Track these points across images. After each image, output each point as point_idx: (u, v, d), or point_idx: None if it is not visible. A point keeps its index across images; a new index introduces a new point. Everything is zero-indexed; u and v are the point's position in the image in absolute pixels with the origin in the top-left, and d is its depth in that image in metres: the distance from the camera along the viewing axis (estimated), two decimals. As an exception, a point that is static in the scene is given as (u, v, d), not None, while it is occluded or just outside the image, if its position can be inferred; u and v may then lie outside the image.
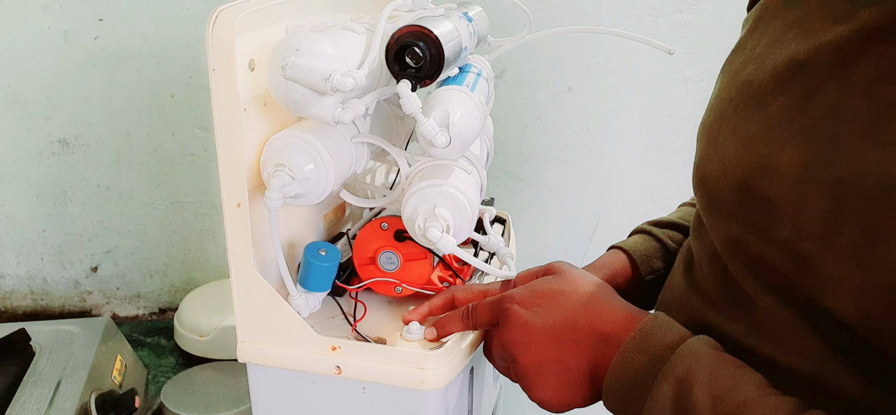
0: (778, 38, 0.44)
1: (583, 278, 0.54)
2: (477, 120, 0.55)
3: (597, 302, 0.51)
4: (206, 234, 1.15)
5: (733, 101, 0.45)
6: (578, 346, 0.50)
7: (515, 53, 0.93)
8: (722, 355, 0.43)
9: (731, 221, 0.44)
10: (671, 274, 0.57)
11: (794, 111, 0.40)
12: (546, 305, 0.52)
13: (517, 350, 0.52)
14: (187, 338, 0.98)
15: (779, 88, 0.41)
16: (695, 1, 1.05)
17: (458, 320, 0.56)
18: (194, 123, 1.07)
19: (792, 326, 0.41)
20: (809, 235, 0.37)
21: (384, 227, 0.60)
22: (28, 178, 1.07)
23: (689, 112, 1.12)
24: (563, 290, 0.53)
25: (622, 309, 0.51)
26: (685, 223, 0.66)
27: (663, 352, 0.44)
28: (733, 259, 0.45)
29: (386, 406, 0.56)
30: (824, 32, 0.39)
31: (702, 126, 0.50)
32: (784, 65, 0.41)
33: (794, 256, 0.39)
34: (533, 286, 0.54)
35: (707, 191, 0.47)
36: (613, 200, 1.17)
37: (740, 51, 0.49)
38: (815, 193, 0.37)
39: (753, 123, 0.42)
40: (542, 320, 0.51)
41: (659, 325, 0.47)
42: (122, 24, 1.01)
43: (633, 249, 0.64)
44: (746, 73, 0.45)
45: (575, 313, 0.51)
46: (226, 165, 0.52)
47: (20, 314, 1.15)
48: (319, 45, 0.50)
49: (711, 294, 0.48)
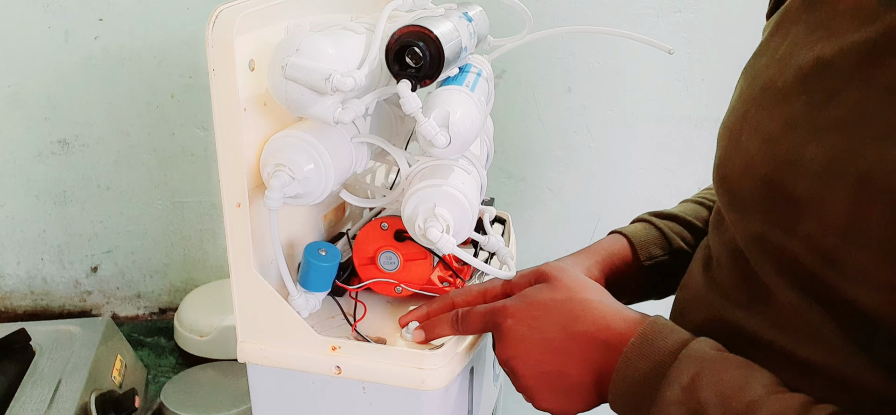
0: (801, 40, 0.44)
1: (576, 283, 0.53)
2: (477, 120, 0.55)
3: (593, 309, 0.51)
4: (206, 234, 1.15)
5: (756, 101, 0.46)
6: (579, 356, 0.49)
7: (515, 53, 0.93)
8: (727, 356, 0.43)
9: (754, 218, 0.44)
10: (688, 273, 0.57)
11: (817, 109, 0.40)
12: (542, 317, 0.51)
13: (516, 365, 0.52)
14: (187, 338, 0.98)
15: (802, 88, 0.42)
16: (695, 1, 1.05)
17: (447, 324, 0.56)
18: (194, 123, 1.07)
19: (813, 319, 0.41)
20: (834, 230, 0.38)
21: (384, 227, 0.60)
22: (28, 178, 1.07)
23: (689, 112, 1.12)
24: (556, 299, 0.52)
25: (620, 313, 0.50)
26: (685, 217, 0.66)
27: (666, 357, 0.44)
28: (756, 254, 0.45)
29: (386, 406, 0.56)
30: (851, 34, 0.40)
31: (723, 126, 0.50)
32: (809, 65, 0.42)
33: (818, 251, 0.39)
34: (526, 297, 0.53)
35: (729, 188, 0.47)
36: (613, 200, 1.18)
37: (762, 54, 0.49)
38: (839, 188, 0.38)
39: (776, 122, 0.43)
40: (538, 333, 0.51)
41: (659, 329, 0.46)
42: (122, 24, 1.01)
43: (634, 235, 0.64)
44: (769, 74, 0.46)
45: (572, 323, 0.50)
46: (226, 165, 0.52)
47: (20, 314, 1.15)
48: (319, 45, 0.50)
49: (731, 290, 0.48)
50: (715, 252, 0.52)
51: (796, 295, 0.42)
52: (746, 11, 1.03)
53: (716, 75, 1.08)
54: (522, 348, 0.51)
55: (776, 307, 0.44)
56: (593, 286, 0.54)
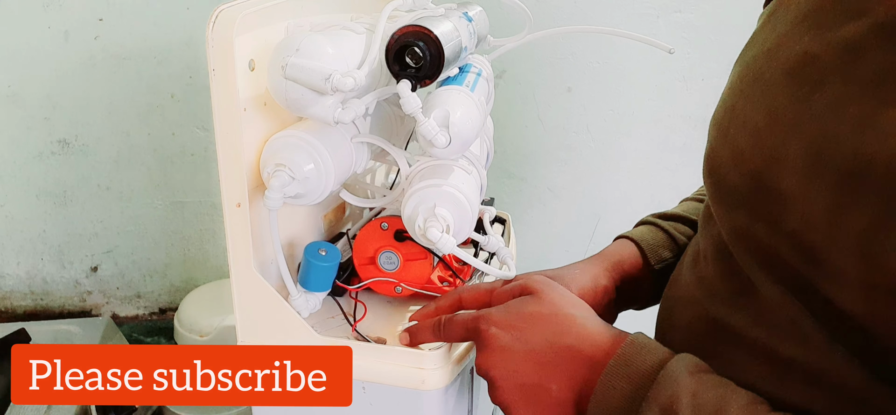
0: (790, 31, 0.44)
1: (561, 299, 0.52)
2: (477, 120, 0.55)
3: (579, 325, 0.50)
4: (206, 234, 1.15)
5: (744, 94, 0.46)
6: (562, 371, 0.48)
7: (515, 53, 0.93)
8: (704, 377, 0.43)
9: (740, 211, 0.44)
10: (677, 269, 0.57)
11: (799, 103, 0.40)
12: (527, 328, 0.50)
13: (497, 375, 0.50)
14: (187, 338, 0.98)
15: (787, 81, 0.42)
16: (695, 1, 1.05)
17: (429, 331, 0.55)
18: (194, 123, 1.07)
19: (795, 316, 0.41)
20: (816, 226, 0.38)
21: (384, 227, 0.60)
22: (28, 178, 1.07)
23: (689, 112, 1.12)
24: (542, 313, 0.51)
25: (604, 331, 0.49)
26: (689, 216, 0.66)
27: (645, 379, 0.44)
28: (739, 248, 0.45)
29: (386, 406, 0.56)
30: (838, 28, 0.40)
31: (713, 118, 0.50)
32: (795, 59, 0.42)
33: (801, 248, 0.39)
34: (511, 308, 0.52)
35: (716, 181, 0.47)
36: (613, 200, 1.18)
37: (752, 44, 0.49)
38: (821, 185, 0.37)
39: (762, 116, 0.43)
40: (522, 345, 0.49)
41: (638, 349, 0.46)
42: (122, 24, 1.01)
43: (642, 239, 0.64)
44: (757, 66, 0.46)
45: (558, 337, 0.49)
46: (226, 165, 0.52)
47: (20, 314, 1.15)
48: (319, 45, 0.50)
49: (715, 286, 0.48)
50: (702, 247, 0.52)
51: (779, 290, 0.42)
52: (746, 11, 1.03)
53: (716, 75, 1.08)
54: (505, 358, 0.50)
55: (759, 302, 0.44)
56: (578, 302, 0.52)
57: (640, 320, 0.59)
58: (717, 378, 0.43)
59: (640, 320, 0.59)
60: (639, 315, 0.65)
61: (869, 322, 0.36)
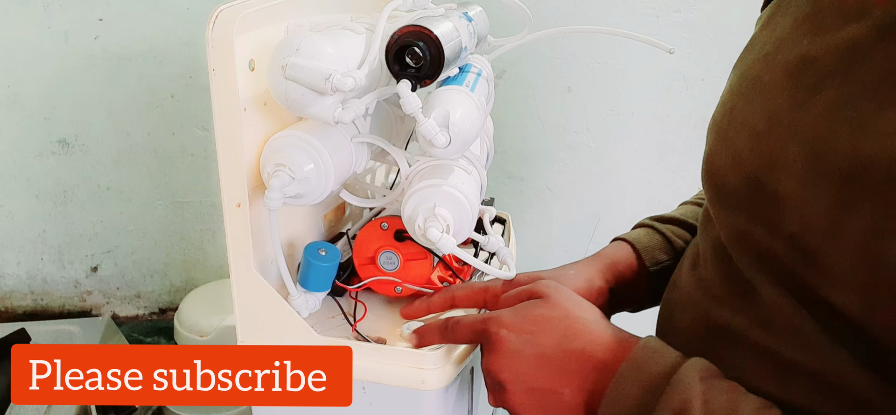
0: (788, 35, 0.44)
1: (571, 303, 0.52)
2: (477, 120, 0.55)
3: (590, 329, 0.49)
4: (206, 234, 1.15)
5: (744, 96, 0.46)
6: (573, 375, 0.48)
7: (515, 53, 0.94)
8: (714, 382, 0.43)
9: (739, 214, 0.44)
10: (676, 272, 0.57)
11: (799, 106, 0.40)
12: (537, 331, 0.50)
13: (506, 378, 0.50)
14: (187, 338, 0.98)
15: (786, 83, 0.42)
16: (695, 1, 1.05)
17: (436, 333, 0.55)
18: (194, 123, 1.07)
19: (795, 318, 0.41)
20: (815, 229, 0.38)
21: (384, 227, 0.60)
22: (28, 178, 1.07)
23: (689, 112, 1.12)
24: (552, 316, 0.50)
25: (615, 334, 0.49)
26: (686, 220, 0.66)
27: (656, 384, 0.43)
28: (738, 251, 0.45)
29: (386, 406, 0.56)
30: (838, 30, 0.40)
31: (712, 121, 0.50)
32: (795, 61, 0.42)
33: (800, 251, 0.39)
34: (520, 311, 0.52)
35: (715, 183, 0.47)
36: (613, 200, 1.18)
37: (751, 48, 0.49)
38: (820, 188, 0.37)
39: (761, 118, 0.43)
40: (533, 348, 0.49)
41: (650, 353, 0.46)
42: (122, 24, 1.01)
43: (637, 241, 0.64)
44: (756, 69, 0.46)
45: (568, 341, 0.49)
46: (226, 165, 0.52)
47: (20, 314, 1.15)
48: (319, 45, 0.50)
49: (715, 288, 0.48)
50: (701, 250, 0.52)
51: (778, 292, 0.42)
52: (747, 11, 1.03)
53: (716, 75, 1.08)
54: (516, 361, 0.49)
55: (759, 305, 0.44)
56: (588, 306, 0.52)
57: (636, 323, 0.59)
58: (727, 383, 0.43)
59: (636, 323, 0.59)
60: (635, 318, 0.65)
61: (868, 324, 0.36)
